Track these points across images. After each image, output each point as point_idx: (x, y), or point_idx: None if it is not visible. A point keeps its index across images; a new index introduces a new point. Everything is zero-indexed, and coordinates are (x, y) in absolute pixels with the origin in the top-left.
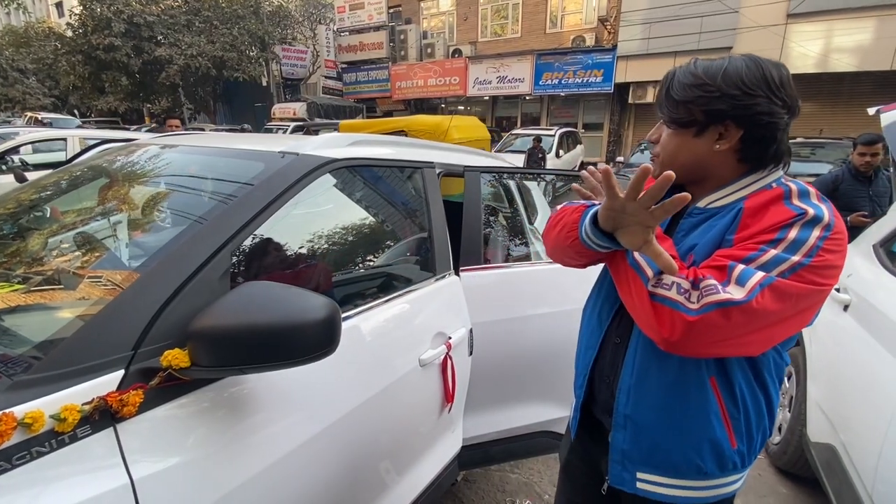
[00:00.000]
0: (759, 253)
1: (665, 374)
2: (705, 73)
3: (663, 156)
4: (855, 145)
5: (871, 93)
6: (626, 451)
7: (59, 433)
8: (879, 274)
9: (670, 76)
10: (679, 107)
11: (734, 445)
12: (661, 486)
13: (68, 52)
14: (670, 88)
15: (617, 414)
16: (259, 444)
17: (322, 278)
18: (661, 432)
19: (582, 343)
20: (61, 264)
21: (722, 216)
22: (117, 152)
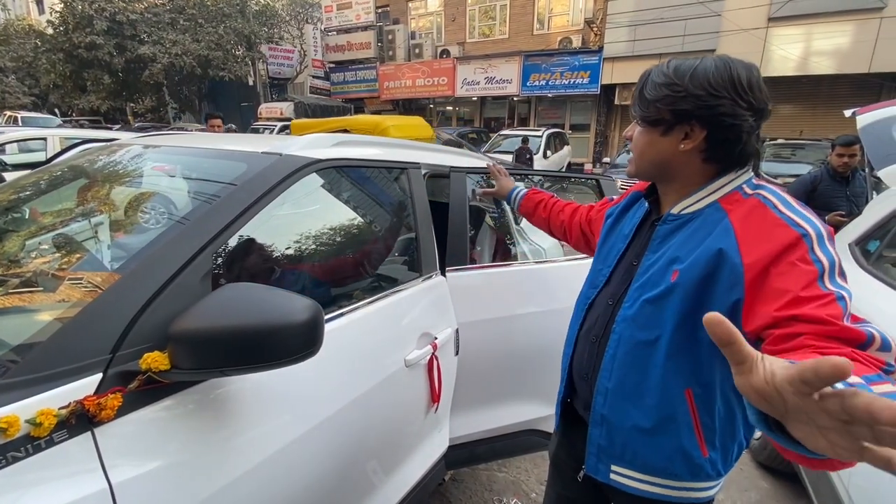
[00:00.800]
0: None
1: (643, 383)
2: (675, 73)
3: (634, 153)
4: (833, 147)
5: (849, 95)
6: (602, 447)
7: (35, 438)
8: (855, 272)
9: (646, 75)
10: (649, 105)
11: (705, 454)
12: (633, 481)
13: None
14: (644, 87)
15: (594, 412)
16: (242, 447)
17: (306, 279)
18: (634, 435)
19: (566, 343)
20: (40, 266)
21: (700, 224)
22: (98, 152)
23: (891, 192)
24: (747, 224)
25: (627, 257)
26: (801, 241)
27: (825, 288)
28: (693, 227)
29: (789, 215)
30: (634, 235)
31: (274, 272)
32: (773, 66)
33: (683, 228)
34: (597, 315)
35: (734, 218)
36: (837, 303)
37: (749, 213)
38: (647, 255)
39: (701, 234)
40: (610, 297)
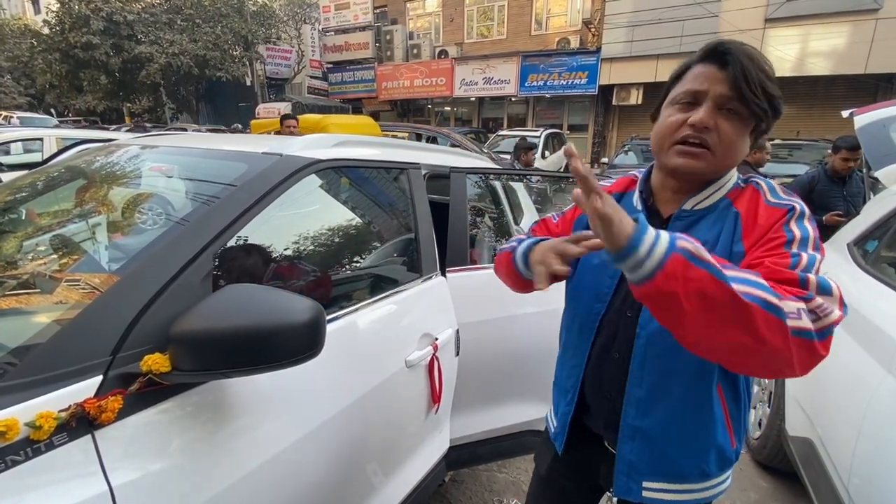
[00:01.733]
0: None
1: (677, 386)
2: (771, 70)
3: (720, 147)
4: (837, 149)
5: (845, 95)
6: (634, 463)
7: (34, 441)
8: (854, 272)
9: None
10: (766, 98)
11: (734, 446)
12: (667, 493)
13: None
14: (759, 76)
15: (625, 426)
16: (243, 449)
17: (307, 280)
18: (671, 442)
19: (566, 361)
20: (38, 267)
21: (712, 219)
22: (96, 153)
23: (888, 193)
24: (749, 210)
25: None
26: (787, 214)
27: (790, 250)
28: (709, 222)
29: (773, 196)
30: None
31: (274, 273)
32: None
33: (698, 223)
34: (614, 328)
35: (739, 206)
36: (790, 258)
37: (749, 200)
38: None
39: (717, 227)
40: (629, 309)
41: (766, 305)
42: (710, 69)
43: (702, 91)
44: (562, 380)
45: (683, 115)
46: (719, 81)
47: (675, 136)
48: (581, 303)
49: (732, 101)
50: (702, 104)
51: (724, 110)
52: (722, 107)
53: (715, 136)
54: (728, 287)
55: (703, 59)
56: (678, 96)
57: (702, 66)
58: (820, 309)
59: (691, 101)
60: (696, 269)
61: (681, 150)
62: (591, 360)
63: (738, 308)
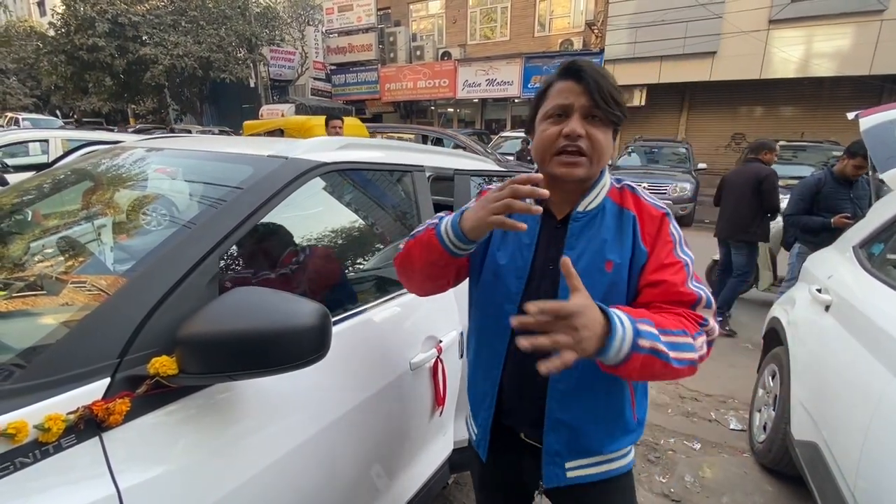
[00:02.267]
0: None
1: (595, 375)
2: (614, 80)
3: (594, 154)
4: (853, 154)
5: (850, 97)
6: (558, 451)
7: (42, 443)
8: (859, 275)
9: (592, 70)
10: (616, 106)
11: (635, 418)
12: (587, 468)
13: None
14: (607, 87)
15: (549, 419)
16: (248, 451)
17: (312, 282)
18: (588, 425)
19: (480, 365)
20: (45, 270)
21: (608, 217)
22: (102, 155)
23: (894, 195)
24: (640, 214)
25: (539, 263)
26: (665, 218)
27: (678, 256)
28: (604, 222)
29: (651, 200)
30: (538, 240)
31: (280, 275)
32: (774, 69)
33: (593, 223)
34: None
35: (633, 209)
36: (684, 269)
37: (636, 204)
38: (567, 254)
39: (614, 226)
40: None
41: (689, 363)
42: (570, 84)
43: (568, 104)
44: (478, 385)
45: (557, 128)
46: (580, 94)
47: (554, 147)
48: (491, 305)
49: (594, 110)
50: (571, 116)
51: (589, 118)
52: (587, 116)
53: (587, 142)
54: (670, 364)
55: (561, 77)
56: (549, 111)
57: (562, 82)
58: (710, 331)
59: (561, 113)
60: (651, 358)
61: (561, 161)
62: (507, 362)
63: (672, 371)
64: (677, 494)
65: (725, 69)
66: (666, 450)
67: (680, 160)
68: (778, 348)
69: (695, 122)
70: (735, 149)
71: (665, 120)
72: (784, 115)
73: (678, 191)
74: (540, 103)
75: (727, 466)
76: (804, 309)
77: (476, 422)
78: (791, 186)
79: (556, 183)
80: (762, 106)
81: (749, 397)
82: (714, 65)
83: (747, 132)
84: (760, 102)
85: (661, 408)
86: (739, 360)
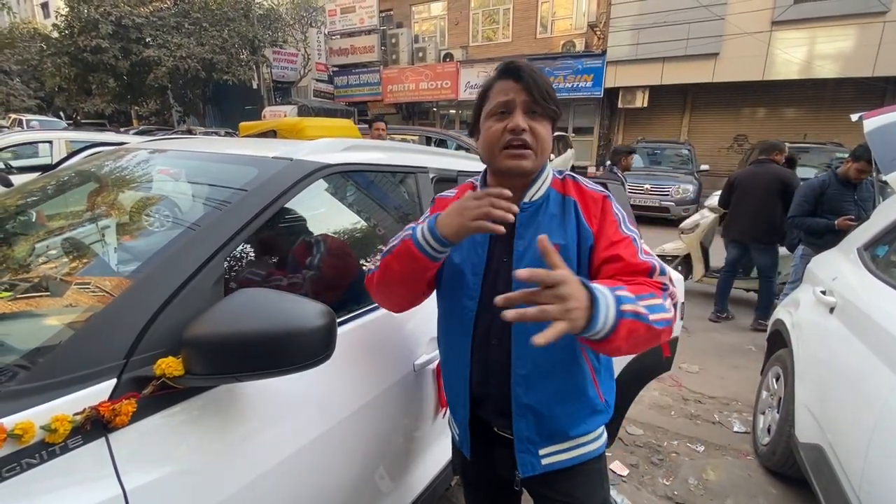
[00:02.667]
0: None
1: (554, 357)
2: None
3: (536, 146)
4: (857, 158)
5: (853, 98)
6: (530, 437)
7: (49, 444)
8: (864, 277)
9: (528, 69)
10: (551, 101)
11: (602, 399)
12: (560, 454)
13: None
14: (543, 84)
15: (516, 405)
16: (253, 452)
17: (317, 283)
18: (554, 408)
19: (450, 362)
20: (50, 271)
21: (552, 206)
22: (106, 157)
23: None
24: (582, 199)
25: (495, 257)
26: (607, 199)
27: (624, 232)
28: (548, 210)
29: (590, 185)
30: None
31: (285, 276)
32: (777, 70)
33: (539, 212)
34: (488, 320)
35: (574, 196)
36: (633, 243)
37: (577, 190)
38: (518, 242)
39: (558, 213)
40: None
41: (666, 322)
42: (510, 83)
43: (510, 101)
44: (452, 384)
45: (502, 124)
46: (520, 91)
47: (500, 142)
48: (454, 303)
49: (534, 105)
50: (514, 112)
51: (530, 113)
52: (527, 111)
53: (531, 136)
54: (652, 326)
55: (501, 77)
56: (492, 109)
57: (502, 82)
58: (672, 294)
59: (504, 111)
60: (635, 322)
61: (508, 154)
62: (474, 355)
63: (653, 335)
64: (681, 497)
65: (728, 70)
66: (669, 452)
67: (682, 161)
68: (782, 350)
69: (697, 124)
70: (738, 150)
71: (667, 121)
72: (787, 117)
73: (681, 192)
74: (482, 104)
75: (731, 469)
76: (808, 311)
77: (456, 420)
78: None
79: (504, 177)
80: (765, 107)
81: (753, 399)
82: (716, 66)
83: (750, 133)
84: (763, 104)
85: (664, 410)
86: (743, 361)
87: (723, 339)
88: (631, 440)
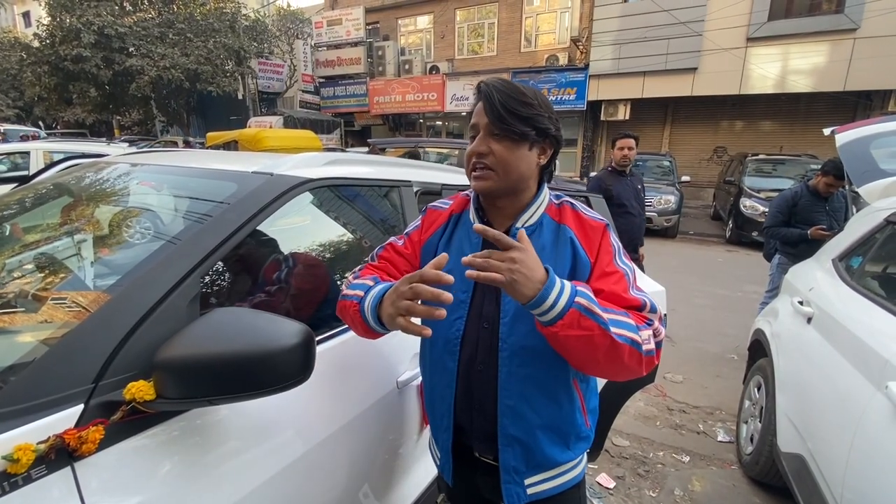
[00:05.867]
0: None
1: (543, 387)
2: (531, 94)
3: (498, 167)
4: (826, 173)
5: (826, 111)
6: (516, 467)
7: (11, 475)
8: (839, 287)
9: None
10: (518, 121)
11: (588, 426)
12: (546, 482)
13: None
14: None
15: (502, 436)
16: (229, 477)
17: (297, 300)
18: (542, 438)
19: (435, 384)
20: (19, 287)
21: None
22: (85, 169)
23: (871, 209)
24: (579, 227)
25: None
26: (606, 230)
27: (618, 265)
28: (541, 237)
29: (590, 213)
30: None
31: (263, 294)
32: (753, 84)
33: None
34: (474, 343)
35: (570, 224)
36: (625, 278)
37: (574, 218)
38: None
39: (549, 240)
40: (485, 321)
41: (632, 343)
42: (480, 105)
43: (477, 124)
44: (435, 407)
45: (471, 147)
46: (483, 114)
47: (469, 164)
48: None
49: (495, 127)
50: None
51: (492, 136)
52: (490, 133)
53: (492, 158)
54: (609, 334)
55: (477, 98)
56: (469, 131)
57: (477, 103)
58: (657, 331)
59: (473, 133)
60: (588, 320)
61: (473, 176)
62: (459, 380)
63: (613, 347)
64: None
65: (706, 84)
66: (655, 463)
67: (664, 173)
68: (763, 360)
69: (678, 136)
70: (717, 161)
71: (649, 133)
72: (763, 129)
73: (663, 203)
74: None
75: (716, 479)
76: (787, 321)
77: (438, 444)
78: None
79: (489, 199)
80: (742, 120)
81: (736, 408)
82: (695, 80)
83: (728, 145)
84: (740, 117)
85: (649, 420)
86: (725, 370)
87: (706, 349)
88: (617, 451)
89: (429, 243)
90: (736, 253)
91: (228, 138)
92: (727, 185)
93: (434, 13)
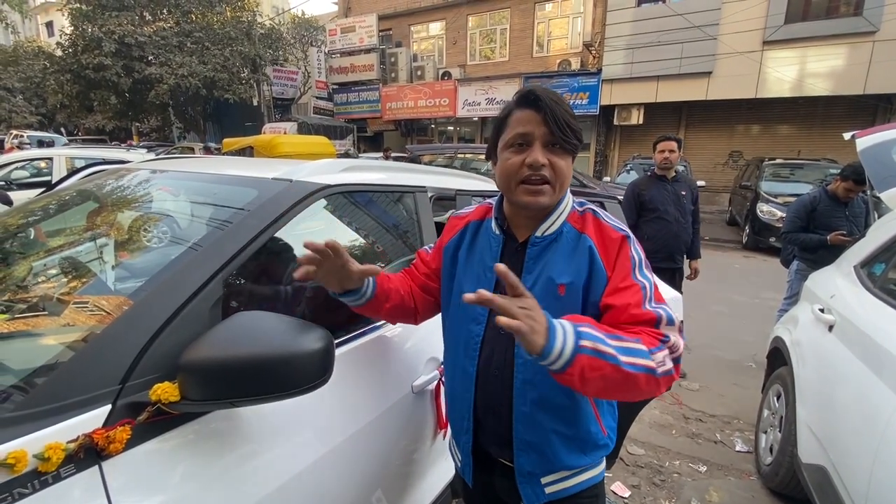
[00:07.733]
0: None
1: (557, 396)
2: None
3: (557, 181)
4: (845, 177)
5: (845, 115)
6: (531, 471)
7: (42, 473)
8: (862, 295)
9: (549, 100)
10: (574, 134)
11: (605, 433)
12: (563, 482)
13: (57, 71)
14: (565, 116)
15: (517, 441)
16: (250, 478)
17: (315, 305)
18: (556, 444)
19: (456, 386)
20: (48, 291)
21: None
22: (107, 176)
23: (893, 215)
24: (599, 237)
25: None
26: (626, 240)
27: (635, 279)
28: (560, 246)
29: (612, 222)
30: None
31: (283, 298)
32: (769, 88)
33: (550, 248)
34: (492, 348)
35: (590, 233)
36: (641, 291)
37: (596, 227)
38: (525, 277)
39: (568, 250)
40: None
41: (647, 370)
42: (529, 113)
43: (528, 133)
44: (456, 409)
45: (520, 157)
46: (540, 123)
47: (518, 176)
48: (461, 329)
49: (553, 139)
50: (532, 145)
51: (549, 146)
52: (547, 144)
53: (550, 171)
54: (621, 368)
55: (519, 106)
56: (510, 140)
57: (520, 111)
58: (673, 347)
59: (522, 142)
60: (597, 360)
61: (526, 190)
62: (478, 382)
63: (627, 379)
64: None
65: (721, 89)
66: (671, 472)
67: None
68: (782, 368)
69: (692, 140)
70: (733, 166)
71: None
72: (780, 133)
73: None
74: (500, 131)
75: (734, 490)
76: (807, 329)
77: (458, 446)
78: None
79: (519, 208)
80: (758, 124)
81: (754, 418)
82: (710, 84)
83: (744, 149)
84: (757, 121)
85: (665, 429)
86: (742, 378)
87: (723, 356)
88: (632, 460)
89: (446, 247)
90: (753, 259)
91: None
92: (743, 189)
93: (446, 20)
